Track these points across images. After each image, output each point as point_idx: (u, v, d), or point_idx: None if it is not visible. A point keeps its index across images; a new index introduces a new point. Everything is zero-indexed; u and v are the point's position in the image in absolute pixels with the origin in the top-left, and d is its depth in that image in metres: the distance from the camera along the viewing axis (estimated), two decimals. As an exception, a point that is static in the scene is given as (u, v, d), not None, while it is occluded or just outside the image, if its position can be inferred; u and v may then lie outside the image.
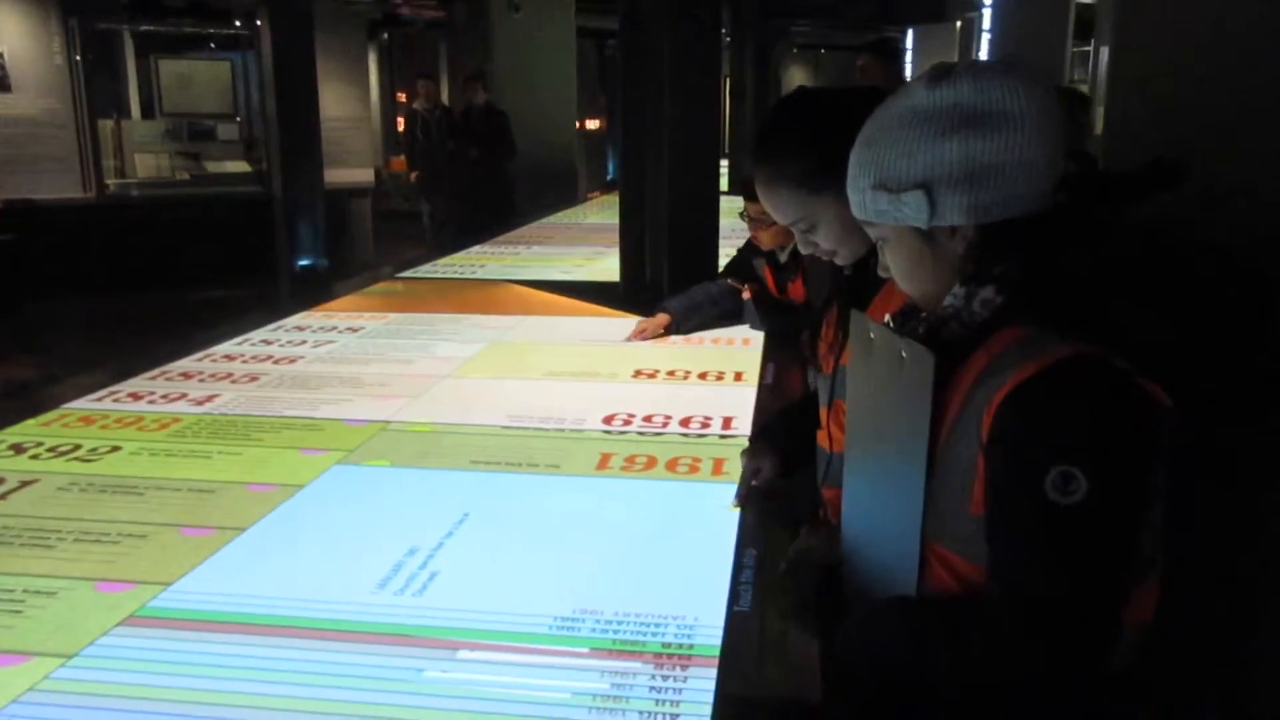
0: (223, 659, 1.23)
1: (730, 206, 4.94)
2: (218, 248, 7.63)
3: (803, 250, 1.42)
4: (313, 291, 4.32)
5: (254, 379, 2.50)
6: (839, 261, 1.39)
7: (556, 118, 9.66)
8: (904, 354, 1.04)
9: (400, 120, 14.67)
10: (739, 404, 2.27)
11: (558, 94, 9.68)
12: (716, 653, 1.24)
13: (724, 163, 5.58)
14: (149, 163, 8.93)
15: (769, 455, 1.65)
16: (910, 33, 11.91)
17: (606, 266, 4.19)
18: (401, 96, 14.48)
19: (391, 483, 1.82)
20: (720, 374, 2.55)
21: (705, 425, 2.12)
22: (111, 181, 8.55)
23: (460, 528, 1.60)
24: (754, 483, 1.66)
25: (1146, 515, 0.94)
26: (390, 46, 14.04)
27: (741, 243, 3.08)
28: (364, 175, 9.45)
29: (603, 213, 6.56)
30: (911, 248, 1.06)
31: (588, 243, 5.04)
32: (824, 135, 1.28)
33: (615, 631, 1.29)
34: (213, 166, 9.20)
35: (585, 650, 1.25)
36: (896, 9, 12.24)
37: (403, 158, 13.79)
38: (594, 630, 1.29)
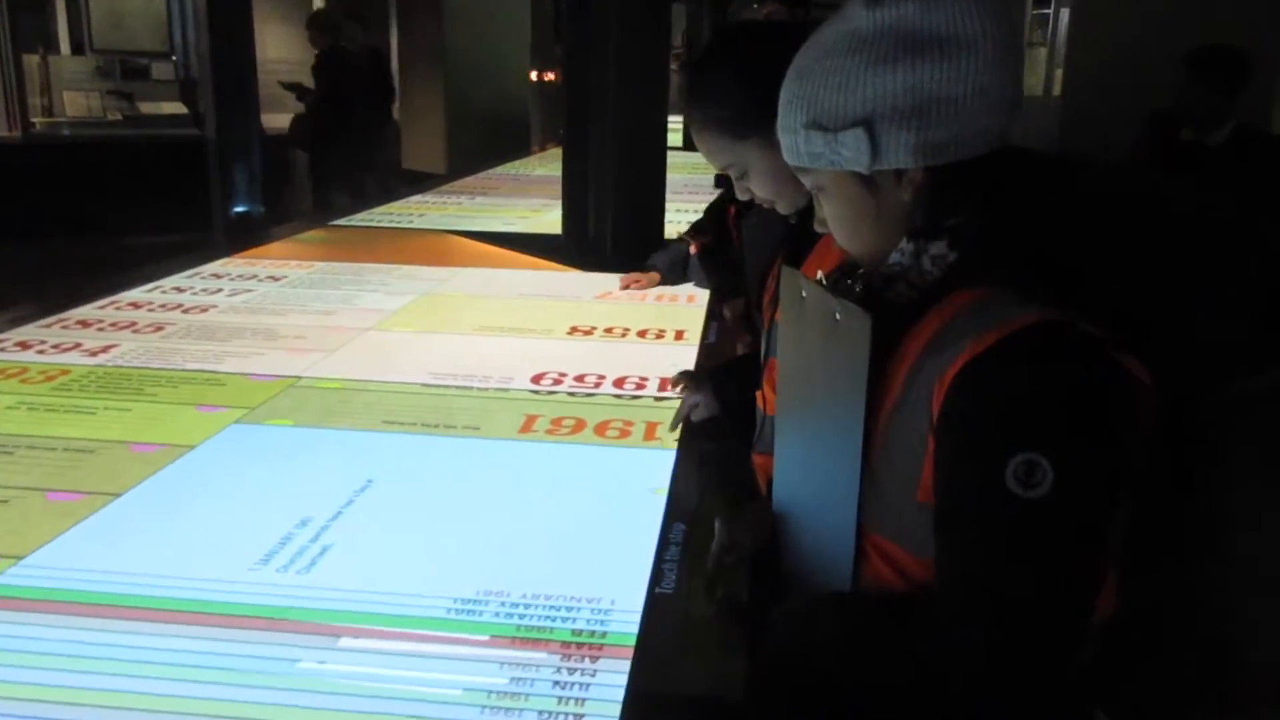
0: (62, 646, 1.08)
1: (681, 162, 4.77)
2: (152, 192, 7.30)
3: (740, 197, 1.32)
4: (247, 240, 4.11)
5: (159, 329, 2.32)
6: (780, 210, 1.28)
7: (508, 66, 9.39)
8: (838, 315, 0.90)
9: (349, 66, 14.26)
10: (680, 364, 2.13)
11: (510, 41, 9.40)
12: (632, 642, 1.12)
13: (679, 118, 5.42)
14: (79, 102, 8.50)
15: (706, 393, 1.60)
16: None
17: (551, 219, 4.02)
18: (350, 41, 14.04)
19: (292, 444, 1.66)
20: (660, 332, 2.41)
21: (640, 386, 1.98)
22: (39, 120, 8.14)
23: (361, 496, 1.46)
24: (691, 417, 1.64)
25: (1118, 508, 0.81)
26: (339, -11, 13.56)
27: (700, 199, 2.95)
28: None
29: (552, 165, 6.36)
30: (852, 197, 0.92)
31: (534, 194, 4.86)
32: (751, 75, 1.17)
33: (521, 616, 1.15)
34: (147, 108, 8.79)
35: (485, 638, 1.11)
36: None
37: (351, 105, 13.45)
38: (497, 615, 1.16)
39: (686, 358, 2.19)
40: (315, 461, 1.59)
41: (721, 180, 3.03)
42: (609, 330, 2.41)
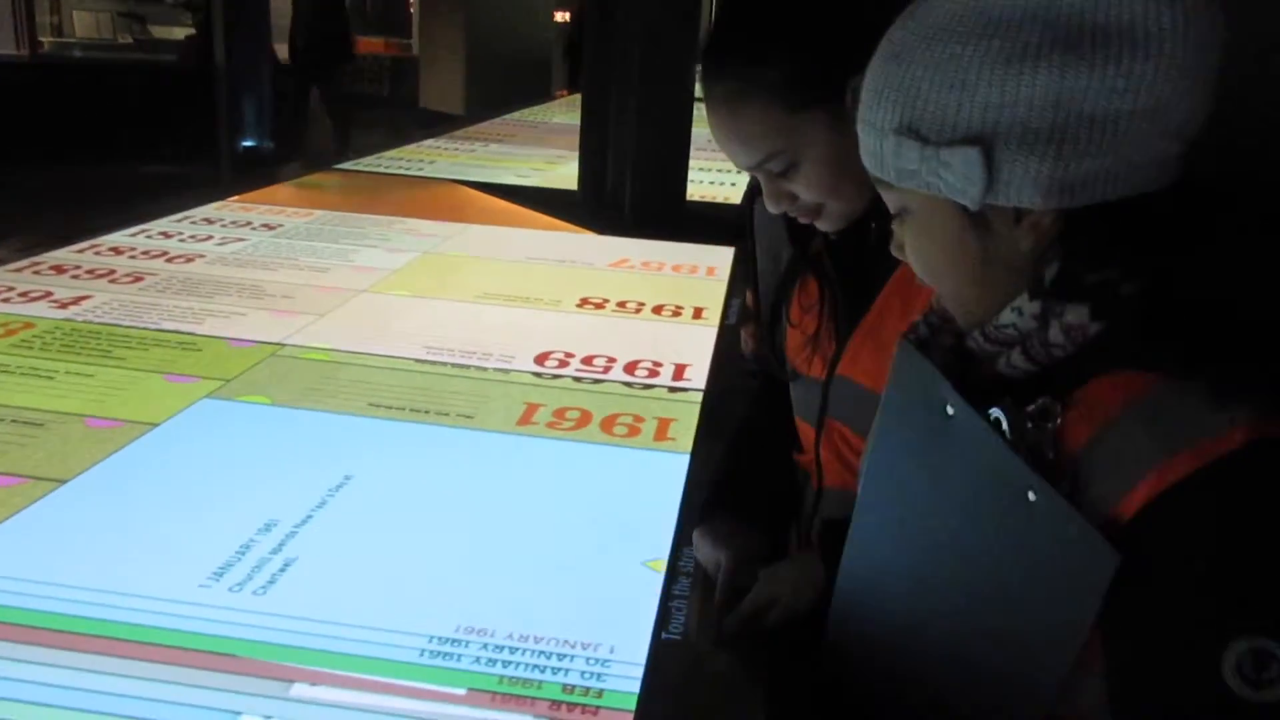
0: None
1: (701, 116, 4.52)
2: (158, 122, 7.10)
3: (772, 208, 0.99)
4: (254, 176, 3.94)
5: (138, 279, 2.15)
6: (823, 225, 0.98)
7: (530, 7, 9.12)
8: (1032, 495, 0.64)
9: (369, -3, 13.92)
10: (697, 348, 1.96)
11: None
12: (632, 704, 0.96)
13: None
14: (89, 21, 8.27)
15: (725, 547, 1.11)
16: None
17: (566, 173, 3.82)
18: (372, -29, 13.70)
19: (266, 427, 1.50)
20: (678, 309, 2.23)
21: (653, 374, 1.81)
22: (46, 39, 7.92)
23: (336, 496, 1.29)
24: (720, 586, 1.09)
25: None
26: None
27: (717, 161, 2.74)
28: (324, 53, 8.85)
29: (572, 113, 6.13)
30: (947, 233, 0.68)
31: (551, 145, 4.66)
32: (814, 26, 0.90)
33: (505, 664, 0.99)
34: (159, 31, 8.55)
35: (461, 692, 0.95)
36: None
37: (373, 38, 13.17)
38: (478, 661, 1.00)
39: (705, 340, 2.01)
40: (289, 450, 1.43)
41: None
42: (622, 304, 2.23)
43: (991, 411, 0.68)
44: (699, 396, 1.72)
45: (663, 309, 2.22)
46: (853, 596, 0.89)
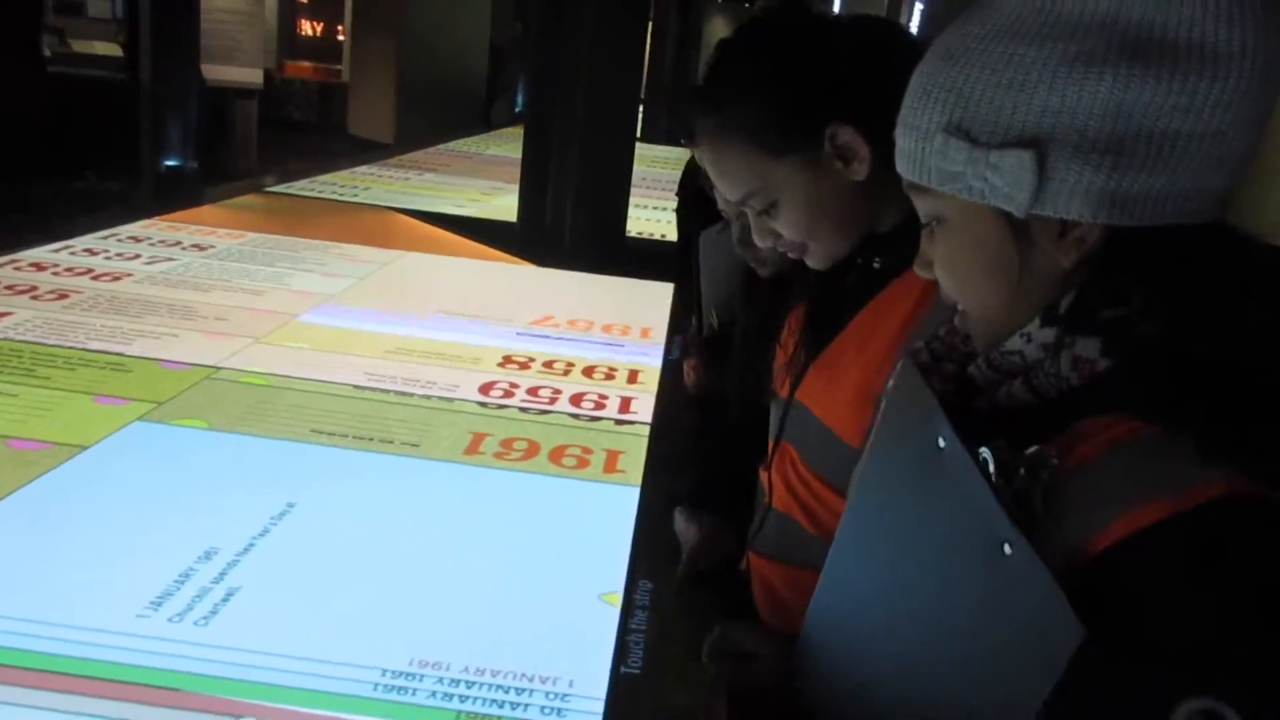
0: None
1: (640, 154, 4.56)
2: (81, 136, 6.89)
3: (760, 242, 1.03)
4: (176, 196, 3.83)
5: (62, 297, 2.07)
6: (810, 262, 1.01)
7: (466, 39, 9.11)
8: (1008, 548, 0.61)
9: (301, 21, 13.80)
10: (651, 374, 1.96)
11: (470, 13, 9.11)
12: (593, 741, 0.94)
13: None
14: (5, 33, 7.98)
15: (698, 522, 1.26)
16: (839, -5, 11.67)
17: (503, 205, 3.81)
18: (302, -4, 13.57)
19: (203, 452, 1.44)
20: (625, 328, 2.23)
21: (600, 406, 1.80)
22: (-41, 49, 7.61)
23: (279, 524, 1.25)
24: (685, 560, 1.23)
25: None
26: (294, -59, 13.09)
27: (662, 195, 2.76)
28: (252, 75, 8.71)
29: (506, 145, 6.14)
30: (986, 243, 0.66)
31: (486, 176, 4.64)
32: (794, 73, 0.92)
33: (462, 699, 0.97)
34: (79, 46, 8.31)
35: (417, 728, 0.93)
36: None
37: (300, 62, 13.00)
38: (432, 696, 0.97)
39: (649, 368, 2.01)
40: (228, 476, 1.38)
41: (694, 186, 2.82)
42: (572, 322, 2.22)
43: (980, 451, 0.65)
44: (646, 429, 1.72)
45: (611, 328, 2.21)
46: (824, 617, 0.88)
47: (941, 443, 0.69)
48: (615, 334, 2.27)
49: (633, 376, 1.97)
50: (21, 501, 1.24)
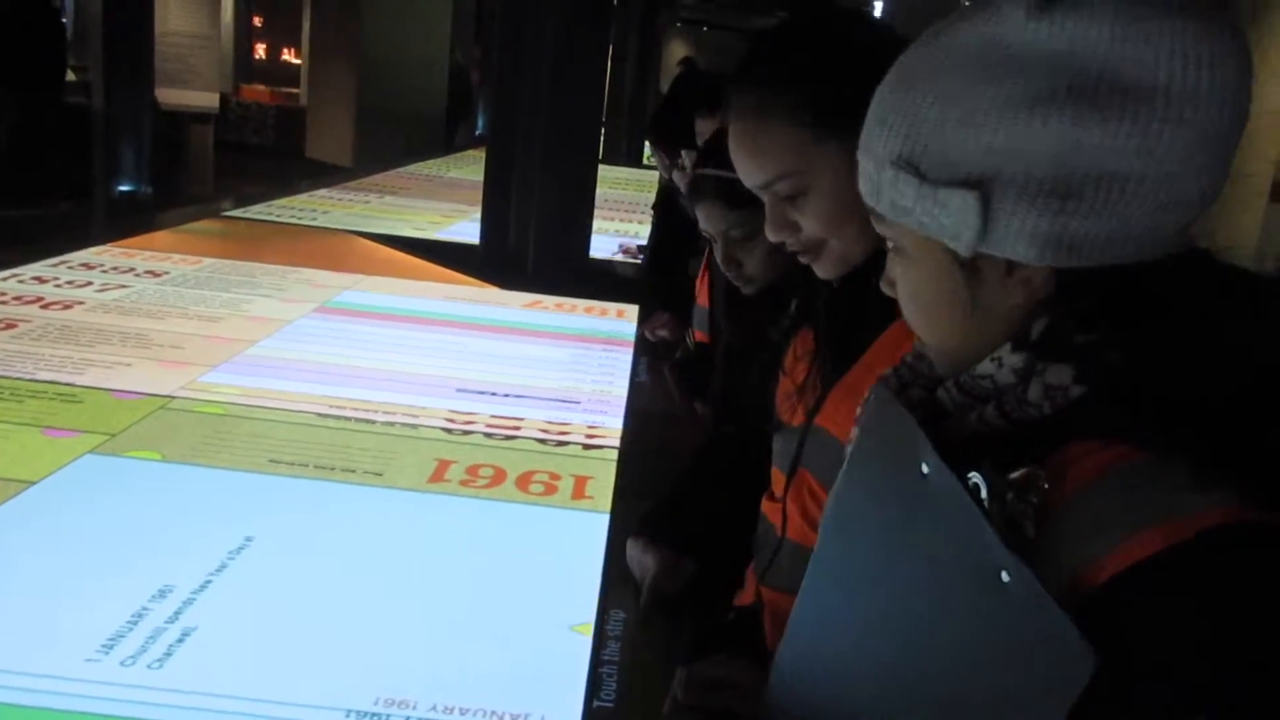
0: None
1: (600, 175, 4.56)
2: (35, 161, 6.78)
3: (772, 236, 0.98)
4: (131, 221, 3.76)
5: (10, 326, 2.01)
6: (820, 268, 0.98)
7: (426, 63, 9.09)
8: (1006, 576, 0.59)
9: (258, 45, 13.72)
10: (614, 399, 1.93)
11: (429, 35, 9.10)
12: (567, 781, 0.91)
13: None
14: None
15: (655, 551, 1.22)
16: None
17: (464, 228, 3.79)
18: (257, 20, 13.53)
19: (157, 485, 1.40)
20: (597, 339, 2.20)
21: (565, 433, 1.77)
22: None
23: (237, 559, 1.21)
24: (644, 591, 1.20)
25: None
26: (250, -35, 13.03)
27: (633, 215, 2.75)
28: (207, 99, 8.63)
29: (467, 168, 6.11)
30: (937, 276, 0.66)
31: (446, 199, 4.60)
32: (852, 59, 0.87)
33: (430, 739, 0.93)
34: (30, 70, 8.18)
35: (384, 772, 0.89)
36: (782, -7, 12.08)
37: (257, 86, 12.92)
38: (400, 736, 0.93)
39: (617, 389, 1.99)
40: (184, 510, 1.33)
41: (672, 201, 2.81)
42: (539, 333, 2.19)
43: (970, 476, 0.63)
44: (614, 455, 1.69)
45: (588, 339, 2.19)
46: (797, 658, 0.86)
47: (925, 469, 0.67)
48: (587, 337, 2.24)
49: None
50: (-36, 541, 1.19)
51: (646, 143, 7.96)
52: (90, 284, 2.40)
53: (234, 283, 2.57)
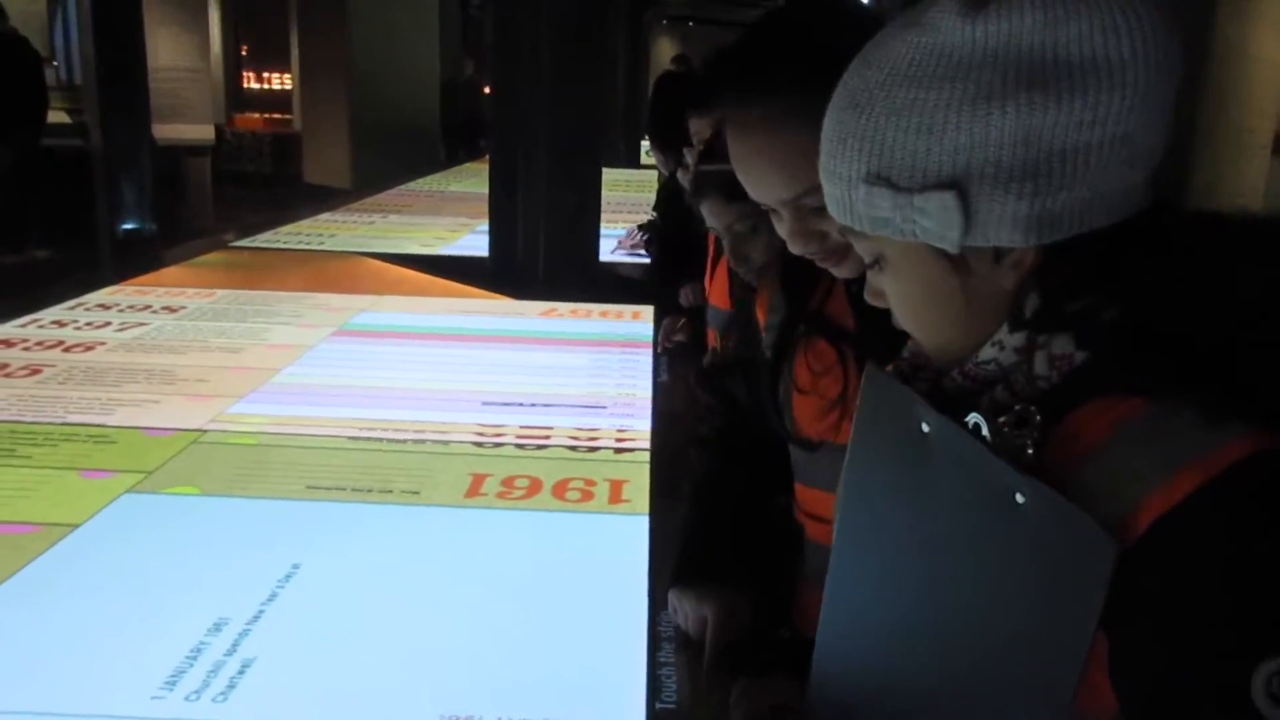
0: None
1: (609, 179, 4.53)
2: (33, 205, 6.82)
3: (797, 249, 0.94)
4: (137, 259, 3.78)
5: (35, 371, 2.02)
6: (844, 271, 0.94)
7: (417, 78, 9.10)
8: (1020, 497, 0.62)
9: (247, 74, 13.75)
10: (639, 401, 1.94)
11: (419, 52, 9.11)
12: (639, 784, 0.91)
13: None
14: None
15: (711, 600, 1.11)
16: (782, 8, 11.76)
17: (471, 241, 3.80)
18: (245, 48, 13.56)
19: (199, 519, 1.41)
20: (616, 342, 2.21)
21: (595, 439, 1.77)
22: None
23: (287, 588, 1.22)
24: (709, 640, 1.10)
25: None
26: (235, -6, 13.06)
27: (626, 217, 2.75)
28: (203, 132, 8.67)
29: (465, 181, 6.12)
30: (927, 278, 0.68)
31: (449, 213, 4.62)
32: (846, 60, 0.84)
33: (498, 752, 0.94)
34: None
35: (457, 788, 0.90)
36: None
37: (249, 115, 12.95)
38: (468, 752, 0.94)
39: (641, 391, 1.99)
40: (228, 542, 1.34)
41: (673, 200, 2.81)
42: (557, 341, 2.19)
43: (970, 418, 0.67)
44: (646, 457, 1.70)
45: (606, 343, 2.20)
46: (833, 649, 0.87)
47: (925, 427, 0.71)
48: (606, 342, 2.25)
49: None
50: (16, 589, 1.20)
51: (643, 142, 7.96)
52: (109, 324, 2.41)
53: (250, 312, 2.58)
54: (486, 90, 8.94)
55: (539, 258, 3.04)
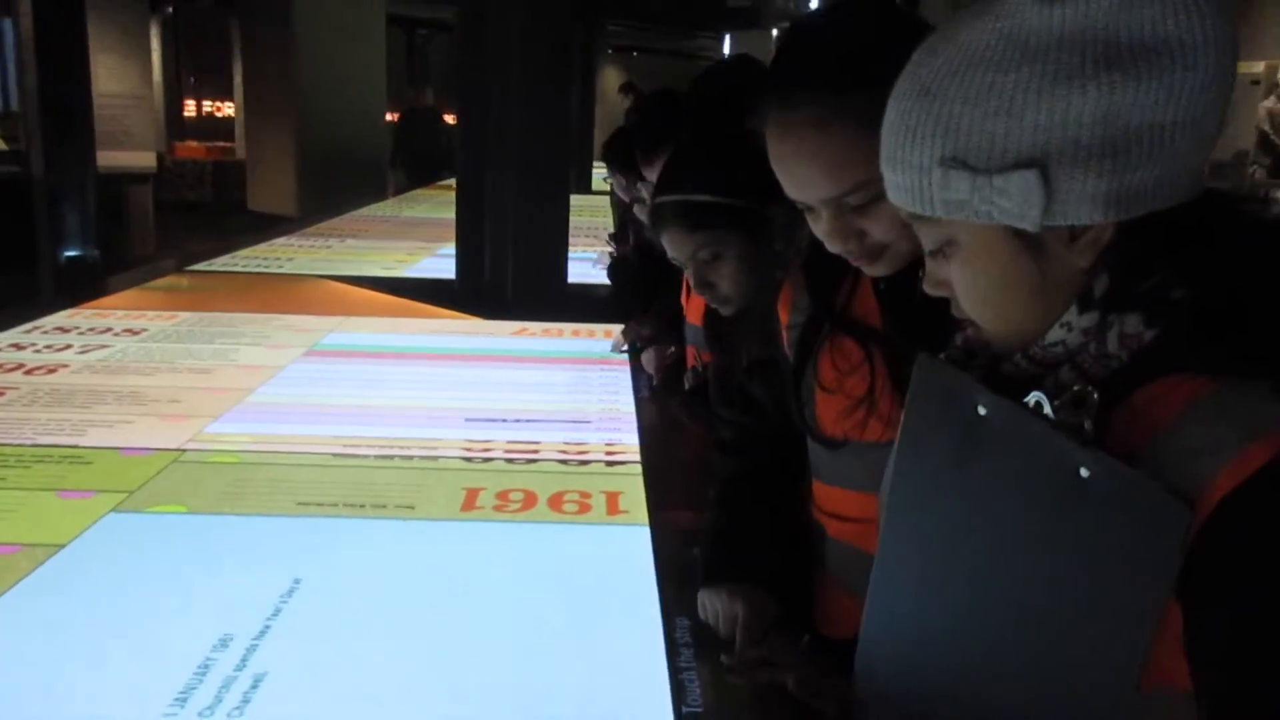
0: None
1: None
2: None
3: (835, 247, 0.94)
4: (82, 287, 3.68)
5: (-2, 394, 1.95)
6: (877, 269, 0.95)
7: (363, 106, 9.05)
8: (1084, 471, 0.63)
9: (187, 101, 13.56)
10: (624, 415, 1.93)
11: (365, 80, 9.06)
12: (677, 786, 0.90)
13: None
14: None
15: (742, 597, 1.12)
16: (727, 39, 11.94)
17: (433, 264, 3.78)
18: (188, 77, 13.39)
19: (190, 537, 1.36)
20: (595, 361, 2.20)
21: (583, 454, 1.76)
22: None
23: (290, 602, 1.18)
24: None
25: None
26: (176, 23, 12.90)
27: (591, 241, 2.74)
28: (144, 159, 8.53)
29: (419, 206, 6.09)
30: (1002, 260, 0.69)
31: (406, 237, 4.58)
32: (906, 59, 0.83)
33: (530, 759, 0.92)
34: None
35: (493, 795, 0.87)
36: (709, 15, 12.22)
37: (190, 143, 12.76)
38: (500, 760, 0.92)
39: (624, 406, 1.98)
40: (222, 559, 1.30)
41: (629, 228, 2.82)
42: (534, 359, 2.18)
43: (1030, 396, 0.68)
44: (638, 469, 1.69)
45: (587, 364, 2.18)
46: (881, 636, 0.87)
47: (982, 410, 0.72)
48: (584, 360, 2.24)
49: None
50: (6, 608, 1.15)
51: (597, 168, 7.98)
52: (69, 346, 2.34)
53: (216, 334, 2.53)
54: (449, 118, 8.95)
55: (507, 278, 3.02)
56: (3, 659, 1.05)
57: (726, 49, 11.91)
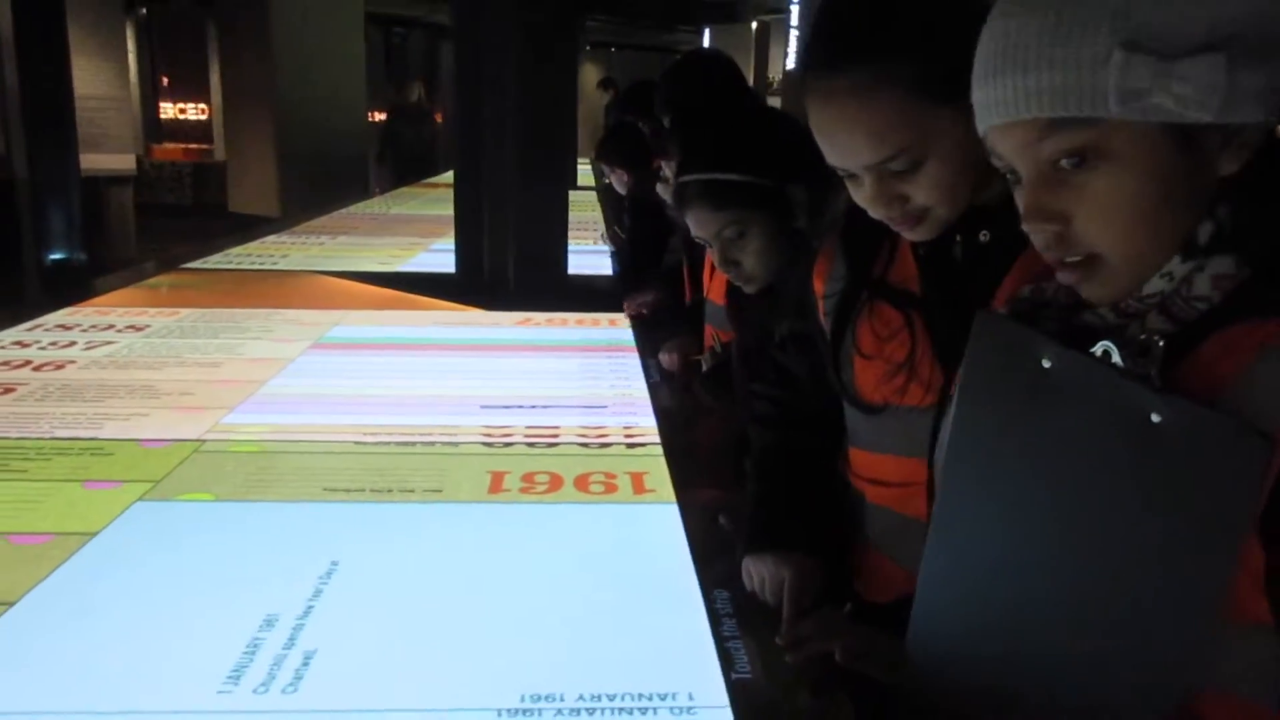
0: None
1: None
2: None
3: (877, 212, 0.95)
4: (68, 289, 3.65)
5: (8, 391, 1.94)
6: (918, 234, 0.96)
7: (343, 105, 9.00)
8: (1156, 417, 0.63)
9: (164, 104, 13.44)
10: (639, 400, 1.94)
11: (345, 79, 9.01)
12: (736, 747, 0.91)
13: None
14: None
15: (789, 561, 1.13)
16: (706, 33, 11.96)
17: (428, 259, 3.77)
18: (164, 79, 13.28)
19: (221, 524, 1.37)
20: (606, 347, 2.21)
21: (604, 436, 1.77)
22: None
23: (330, 583, 1.19)
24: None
25: None
26: (150, 24, 12.78)
27: (581, 235, 2.76)
28: (123, 162, 8.45)
29: (405, 204, 6.07)
30: (1152, 162, 0.64)
31: (398, 233, 4.56)
32: (950, 22, 0.85)
33: (590, 726, 0.93)
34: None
35: (558, 761, 0.88)
36: (688, 9, 12.24)
37: (167, 145, 12.65)
38: (560, 727, 0.93)
39: (637, 391, 1.99)
40: (257, 544, 1.30)
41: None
42: (542, 348, 2.18)
43: (1099, 345, 0.68)
44: (659, 450, 1.70)
45: (595, 350, 2.19)
46: (940, 595, 0.87)
47: (1046, 363, 0.71)
48: (595, 347, 2.24)
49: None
50: (46, 596, 1.14)
51: (582, 163, 7.98)
52: (74, 343, 2.33)
53: (220, 329, 2.51)
54: (437, 116, 8.93)
55: (508, 270, 3.02)
56: (50, 643, 1.05)
57: (706, 42, 11.92)
